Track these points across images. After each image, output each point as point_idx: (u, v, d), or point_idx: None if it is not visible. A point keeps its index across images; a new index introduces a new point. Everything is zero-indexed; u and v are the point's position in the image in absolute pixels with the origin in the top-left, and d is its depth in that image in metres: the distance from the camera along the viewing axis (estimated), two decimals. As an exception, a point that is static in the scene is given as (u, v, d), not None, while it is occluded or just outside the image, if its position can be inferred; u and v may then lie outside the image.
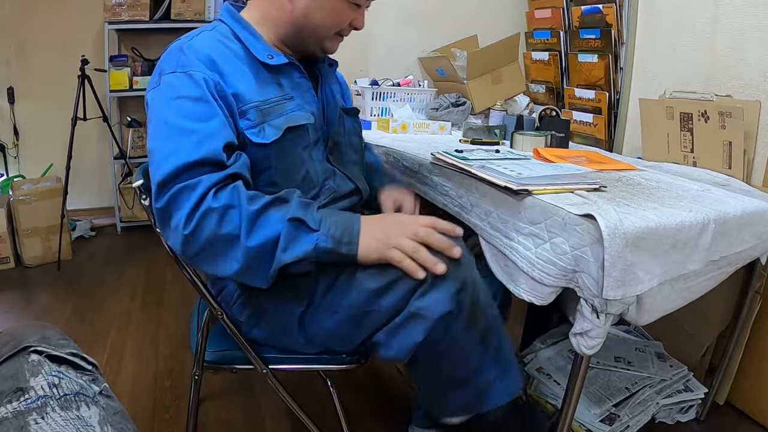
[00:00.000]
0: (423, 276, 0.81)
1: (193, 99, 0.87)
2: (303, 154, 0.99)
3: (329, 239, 0.83)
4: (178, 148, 0.83)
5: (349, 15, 1.00)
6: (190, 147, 0.83)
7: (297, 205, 0.85)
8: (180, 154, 0.83)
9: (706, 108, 1.49)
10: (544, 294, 0.94)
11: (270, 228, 0.82)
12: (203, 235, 0.81)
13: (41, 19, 2.89)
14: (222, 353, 1.08)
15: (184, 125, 0.85)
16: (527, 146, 1.50)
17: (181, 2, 2.86)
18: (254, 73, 0.96)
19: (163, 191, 0.82)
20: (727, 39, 1.52)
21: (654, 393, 1.39)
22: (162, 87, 0.89)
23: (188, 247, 0.83)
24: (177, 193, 0.82)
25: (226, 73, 0.92)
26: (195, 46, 0.92)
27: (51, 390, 0.55)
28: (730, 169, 1.46)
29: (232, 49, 0.96)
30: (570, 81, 2.40)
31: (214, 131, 0.86)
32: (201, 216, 0.80)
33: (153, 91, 0.91)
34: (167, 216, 0.83)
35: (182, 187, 0.82)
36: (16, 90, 2.94)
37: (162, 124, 0.87)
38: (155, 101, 0.90)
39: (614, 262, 0.83)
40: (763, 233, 1.07)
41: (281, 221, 0.82)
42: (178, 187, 0.82)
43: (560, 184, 1.04)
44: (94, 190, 3.21)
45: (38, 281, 2.43)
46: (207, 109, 0.87)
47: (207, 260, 0.84)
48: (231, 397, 1.59)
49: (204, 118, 0.87)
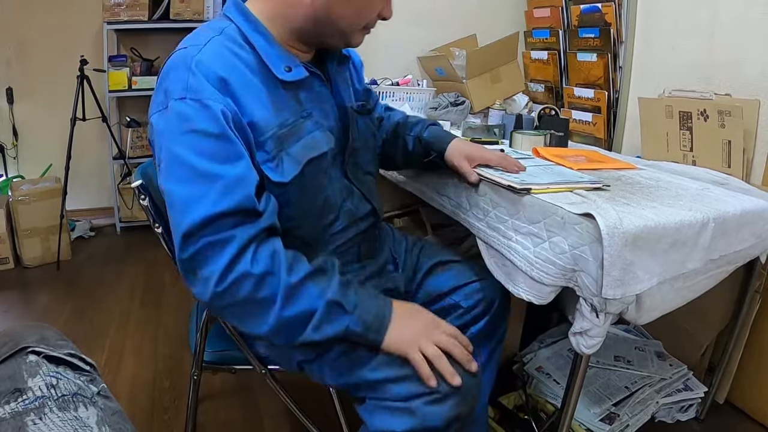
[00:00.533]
0: (434, 385, 0.81)
1: (212, 136, 0.77)
2: (322, 181, 0.92)
3: (360, 323, 0.81)
4: (203, 196, 0.75)
5: (378, 5, 0.90)
6: (217, 195, 0.76)
7: (337, 284, 0.82)
8: (206, 203, 0.75)
9: (705, 107, 1.49)
10: (544, 293, 0.94)
11: (307, 302, 0.79)
12: (237, 295, 0.76)
13: (40, 19, 2.89)
14: (221, 353, 1.08)
15: (207, 168, 0.76)
16: (526, 145, 1.50)
17: (180, 2, 2.86)
18: (270, 92, 0.86)
19: (189, 243, 0.75)
20: (726, 38, 1.52)
21: (654, 392, 1.39)
22: (171, 115, 0.79)
23: (218, 302, 0.78)
24: (206, 247, 0.75)
25: (240, 98, 0.82)
26: (204, 63, 0.80)
27: (49, 390, 0.55)
28: (730, 168, 1.46)
29: (245, 60, 0.85)
30: (569, 80, 2.40)
31: (242, 176, 0.78)
32: (237, 278, 0.75)
33: (160, 115, 0.80)
34: (193, 267, 0.77)
35: (213, 242, 0.75)
36: (15, 90, 2.93)
37: (178, 164, 0.77)
38: (164, 130, 0.79)
39: (613, 261, 0.83)
40: (763, 232, 1.07)
41: (319, 298, 0.79)
42: (208, 240, 0.75)
43: (562, 183, 1.04)
44: (94, 190, 3.21)
45: (37, 281, 2.43)
46: (230, 149, 0.79)
47: (235, 317, 0.81)
48: (230, 397, 1.59)
49: (228, 159, 0.78)
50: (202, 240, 0.75)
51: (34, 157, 3.02)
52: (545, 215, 0.94)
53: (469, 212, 1.15)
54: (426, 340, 0.83)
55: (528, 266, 0.95)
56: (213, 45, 0.83)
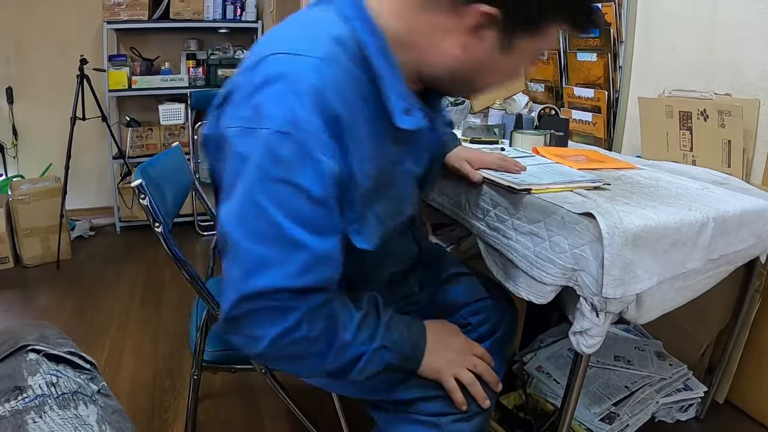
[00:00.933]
0: (466, 408, 0.82)
1: (311, 200, 0.63)
2: (391, 243, 0.81)
3: (398, 356, 0.78)
4: (280, 264, 0.63)
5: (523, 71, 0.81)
6: (298, 269, 0.64)
7: (384, 329, 0.76)
8: (281, 274, 0.64)
9: (705, 106, 1.49)
10: (543, 293, 0.94)
11: (355, 350, 0.73)
12: (287, 353, 0.70)
13: (40, 18, 2.89)
14: (221, 353, 1.08)
15: (294, 235, 0.63)
16: (526, 145, 1.50)
17: (179, 2, 2.86)
18: (377, 135, 0.69)
19: (247, 304, 0.65)
20: (726, 37, 1.52)
21: (654, 392, 1.39)
22: (263, 148, 0.62)
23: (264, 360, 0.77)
24: (264, 310, 0.65)
25: (348, 144, 0.65)
26: (320, 89, 0.61)
27: (49, 389, 0.55)
28: (730, 168, 1.46)
29: (362, 93, 0.66)
30: (569, 80, 2.40)
31: (331, 254, 0.67)
32: (291, 342, 0.68)
33: (245, 136, 0.63)
34: (243, 326, 0.67)
35: (273, 307, 0.65)
36: (15, 90, 2.94)
37: (259, 215, 0.63)
38: (249, 159, 0.62)
39: (614, 261, 0.83)
40: (763, 232, 1.07)
41: (366, 344, 0.74)
42: (268, 305, 0.65)
43: (562, 182, 1.04)
44: (93, 189, 3.22)
45: (37, 281, 2.43)
46: (327, 220, 0.65)
47: (281, 366, 0.80)
48: (230, 396, 1.59)
49: (322, 231, 0.65)
50: (262, 303, 0.65)
51: (34, 156, 3.02)
52: (545, 215, 0.94)
53: (469, 212, 1.15)
54: (460, 365, 0.83)
55: (528, 266, 0.95)
56: (334, 66, 0.63)
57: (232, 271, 0.65)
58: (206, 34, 3.21)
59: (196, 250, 2.87)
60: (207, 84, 3.10)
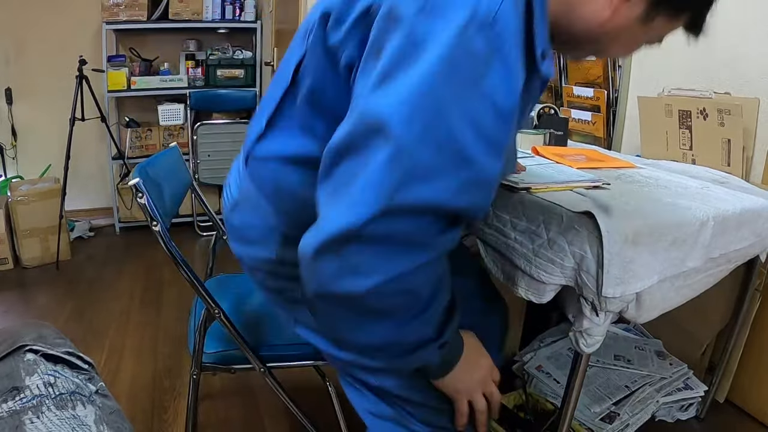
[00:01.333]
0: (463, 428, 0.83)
1: (498, 113, 0.56)
2: None
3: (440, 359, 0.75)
4: (439, 175, 0.55)
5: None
6: (457, 186, 0.56)
7: (455, 325, 0.74)
8: (442, 187, 0.55)
9: (704, 105, 1.48)
10: (543, 292, 0.94)
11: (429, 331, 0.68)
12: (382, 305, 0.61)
13: (39, 19, 2.89)
14: (220, 353, 1.08)
15: (470, 148, 0.55)
16: (526, 145, 1.50)
17: (178, 2, 2.86)
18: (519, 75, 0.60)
19: (391, 220, 0.54)
20: (725, 36, 1.51)
21: (654, 391, 1.39)
22: (456, 38, 0.52)
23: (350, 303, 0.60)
24: (401, 235, 0.56)
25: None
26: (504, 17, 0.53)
27: (46, 389, 0.55)
28: (729, 167, 1.46)
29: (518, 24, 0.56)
30: (568, 79, 2.39)
31: (495, 177, 0.60)
32: (395, 292, 0.59)
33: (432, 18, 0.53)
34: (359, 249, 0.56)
35: (408, 237, 0.56)
36: (14, 90, 2.93)
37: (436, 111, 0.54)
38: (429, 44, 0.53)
39: (613, 260, 0.83)
40: (763, 230, 1.06)
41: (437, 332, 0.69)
42: (405, 230, 0.56)
43: (561, 182, 1.03)
44: (93, 190, 3.22)
45: (37, 282, 2.43)
46: (503, 139, 0.58)
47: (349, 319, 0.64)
48: (230, 396, 1.59)
49: (495, 149, 0.58)
50: (399, 226, 0.55)
51: (33, 157, 3.02)
52: (545, 214, 0.93)
53: (469, 211, 1.14)
54: (478, 392, 0.81)
55: (527, 265, 0.95)
56: None
57: (382, 173, 0.53)
58: (205, 34, 3.22)
59: (195, 250, 2.87)
60: (206, 84, 3.10)
